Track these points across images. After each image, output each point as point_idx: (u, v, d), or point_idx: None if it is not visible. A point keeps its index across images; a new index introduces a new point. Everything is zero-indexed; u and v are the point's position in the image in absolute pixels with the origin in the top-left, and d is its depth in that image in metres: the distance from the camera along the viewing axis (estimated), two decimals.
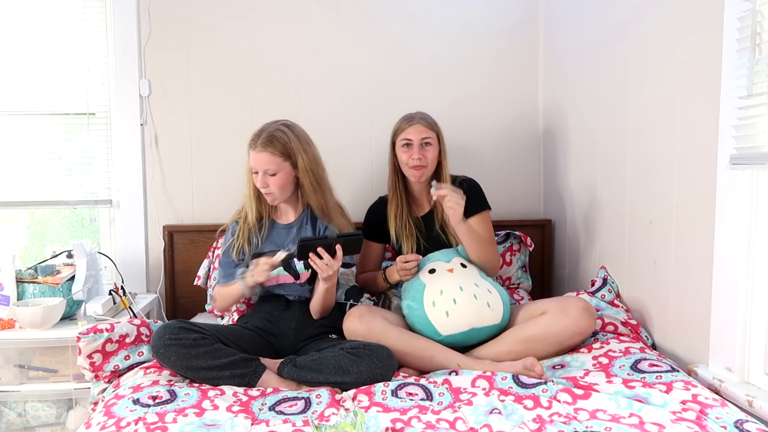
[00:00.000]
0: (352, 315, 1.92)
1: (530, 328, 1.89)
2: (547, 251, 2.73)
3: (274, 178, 2.00)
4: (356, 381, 1.68)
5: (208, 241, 2.56)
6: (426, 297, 1.93)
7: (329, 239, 1.86)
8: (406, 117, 2.18)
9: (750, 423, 1.39)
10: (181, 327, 1.74)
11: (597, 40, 2.32)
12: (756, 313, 1.61)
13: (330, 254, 1.86)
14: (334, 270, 1.87)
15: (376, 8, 2.68)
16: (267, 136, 2.00)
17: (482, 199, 2.18)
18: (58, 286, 2.19)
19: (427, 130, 2.12)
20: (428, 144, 2.11)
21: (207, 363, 1.69)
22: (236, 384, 1.71)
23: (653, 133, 1.98)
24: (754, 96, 1.55)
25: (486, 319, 1.91)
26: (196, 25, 2.62)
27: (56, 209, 2.73)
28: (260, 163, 1.99)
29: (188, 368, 1.70)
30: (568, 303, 1.89)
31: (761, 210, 1.59)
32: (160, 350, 1.71)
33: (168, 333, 1.71)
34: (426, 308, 1.92)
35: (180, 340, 1.70)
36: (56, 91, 2.60)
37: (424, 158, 2.10)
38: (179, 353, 1.69)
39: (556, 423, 1.44)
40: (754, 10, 1.54)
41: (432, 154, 2.12)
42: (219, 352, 1.72)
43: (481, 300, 1.92)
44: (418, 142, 2.10)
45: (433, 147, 2.12)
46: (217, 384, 1.70)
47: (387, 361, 1.73)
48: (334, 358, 1.72)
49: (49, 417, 2.13)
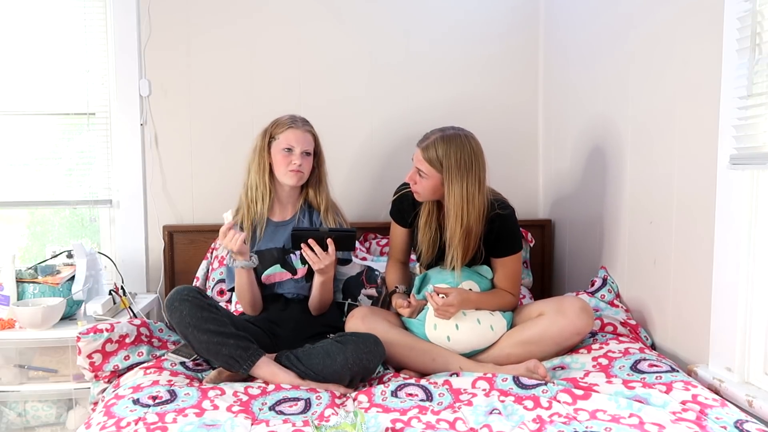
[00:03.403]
0: (355, 316, 1.92)
1: (528, 330, 1.88)
2: (547, 251, 2.73)
3: (307, 158, 2.04)
4: (343, 366, 1.69)
5: (208, 241, 2.56)
6: (428, 319, 1.92)
7: (321, 232, 1.88)
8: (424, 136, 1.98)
9: (750, 423, 1.39)
10: (199, 290, 1.81)
11: (597, 40, 2.32)
12: (756, 313, 1.61)
13: (322, 247, 1.87)
14: (326, 264, 1.88)
15: (376, 9, 2.68)
16: (303, 119, 2.09)
17: (511, 244, 1.97)
18: (58, 286, 2.19)
19: (424, 162, 1.90)
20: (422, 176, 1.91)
21: (215, 327, 1.73)
22: (237, 356, 1.72)
23: (653, 133, 1.98)
24: (754, 96, 1.55)
25: (488, 340, 1.90)
26: (197, 25, 2.62)
27: (56, 209, 2.72)
28: (303, 141, 2.02)
29: (196, 327, 1.72)
30: (565, 304, 1.88)
31: (761, 210, 1.59)
32: (174, 303, 1.75)
33: (186, 290, 1.78)
34: (427, 330, 1.91)
35: (197, 299, 1.76)
36: (56, 91, 2.60)
37: (415, 183, 1.94)
38: (192, 310, 1.73)
39: (556, 423, 1.44)
40: (754, 10, 1.54)
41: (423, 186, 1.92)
42: (227, 325, 1.76)
43: (484, 324, 1.90)
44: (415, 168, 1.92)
45: (426, 180, 1.91)
46: (217, 352, 1.71)
47: (373, 347, 1.74)
48: (323, 347, 1.76)
49: (49, 417, 2.13)
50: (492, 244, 1.95)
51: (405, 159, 2.68)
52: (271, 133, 2.06)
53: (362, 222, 2.66)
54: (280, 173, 2.04)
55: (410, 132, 2.70)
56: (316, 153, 2.09)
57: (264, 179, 2.06)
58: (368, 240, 2.61)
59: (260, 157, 2.06)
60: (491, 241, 1.95)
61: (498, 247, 1.96)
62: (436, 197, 1.96)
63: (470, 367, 1.83)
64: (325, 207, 2.10)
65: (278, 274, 2.06)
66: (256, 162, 2.07)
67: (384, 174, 2.71)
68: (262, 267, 2.03)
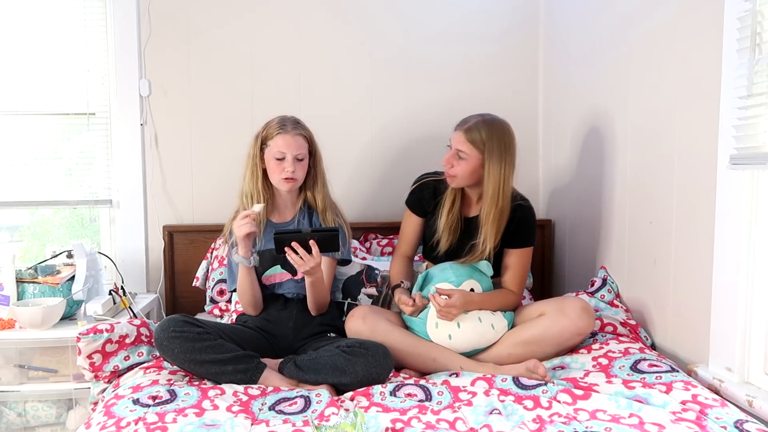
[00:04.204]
0: (355, 315, 1.92)
1: (529, 330, 1.88)
2: (547, 251, 2.73)
3: (300, 163, 2.00)
4: (353, 381, 1.69)
5: (208, 241, 2.56)
6: (430, 318, 1.92)
7: (304, 234, 1.84)
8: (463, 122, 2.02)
9: (750, 423, 1.39)
10: (185, 320, 1.75)
11: (597, 40, 2.32)
12: (756, 313, 1.61)
13: (307, 249, 1.83)
14: (311, 266, 1.85)
15: (376, 8, 2.68)
16: (293, 122, 2.02)
17: (529, 235, 2.04)
18: (58, 286, 2.19)
19: (466, 143, 1.95)
20: (462, 158, 1.96)
21: (210, 357, 1.70)
22: (238, 380, 1.71)
23: (653, 133, 1.98)
24: (754, 96, 1.55)
25: (488, 339, 1.91)
26: (196, 25, 2.62)
27: (56, 209, 2.73)
28: (294, 146, 1.97)
29: (191, 361, 1.70)
30: (566, 304, 1.88)
31: (761, 210, 1.59)
32: (163, 343, 1.71)
33: (172, 326, 1.72)
34: (428, 328, 1.91)
35: (184, 333, 1.70)
36: (56, 91, 2.60)
37: (452, 167, 1.97)
38: (183, 346, 1.69)
39: (556, 423, 1.44)
40: (754, 10, 1.54)
41: (462, 169, 1.97)
42: (222, 347, 1.72)
43: (486, 323, 1.91)
44: (454, 151, 1.97)
45: (466, 162, 1.96)
46: (219, 379, 1.71)
47: (383, 359, 1.73)
48: (331, 358, 1.72)
49: (49, 417, 2.13)
50: (511, 233, 2.01)
51: (405, 155, 2.71)
52: (262, 139, 2.02)
53: (363, 221, 2.66)
54: (274, 180, 2.02)
55: (410, 130, 2.72)
56: (312, 152, 2.05)
57: (257, 187, 2.03)
58: (369, 240, 2.61)
59: (253, 163, 2.03)
60: (511, 230, 2.00)
61: (517, 236, 2.02)
62: (470, 181, 2.00)
63: (471, 367, 1.83)
64: (323, 207, 2.08)
65: (278, 275, 2.06)
66: (249, 169, 2.04)
67: (384, 172, 2.71)
68: (262, 267, 2.03)
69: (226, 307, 2.40)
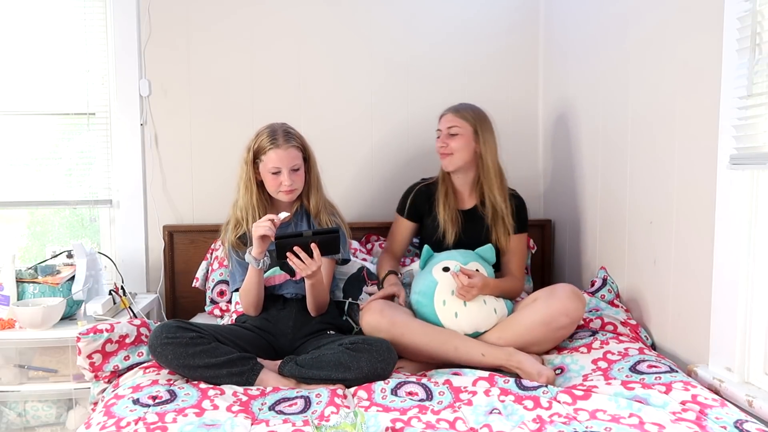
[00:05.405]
0: (372, 309, 1.91)
1: (522, 313, 1.93)
2: (547, 251, 2.73)
3: (297, 173, 2.00)
4: (357, 377, 1.69)
5: (208, 241, 2.56)
6: (437, 295, 1.95)
7: (304, 237, 1.82)
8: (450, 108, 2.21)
9: (750, 423, 1.39)
10: (178, 326, 1.74)
11: (597, 40, 2.32)
12: (756, 313, 1.61)
13: (308, 253, 1.82)
14: (313, 269, 1.84)
15: (376, 7, 2.68)
16: (284, 133, 1.99)
17: (526, 220, 2.25)
18: (58, 286, 2.19)
19: (456, 119, 2.14)
20: (454, 134, 2.13)
21: (204, 361, 1.70)
22: (234, 382, 1.71)
23: (653, 133, 1.98)
24: (754, 96, 1.55)
25: (489, 323, 1.94)
26: (197, 25, 2.62)
27: (56, 209, 2.73)
28: (287, 160, 1.96)
29: (185, 366, 1.70)
30: (557, 287, 1.95)
31: (761, 210, 1.59)
32: (157, 349, 1.71)
33: (165, 332, 1.71)
34: (436, 305, 1.94)
35: (177, 339, 1.70)
36: (56, 91, 2.60)
37: (447, 146, 2.13)
38: (176, 352, 1.69)
39: (556, 423, 1.44)
40: (754, 10, 1.54)
41: (457, 143, 2.13)
42: (216, 351, 1.72)
43: (489, 305, 1.95)
44: (446, 131, 2.15)
45: (460, 137, 2.13)
46: (215, 383, 1.70)
47: (386, 354, 1.73)
48: (334, 355, 1.72)
49: (49, 417, 2.13)
50: (513, 218, 2.17)
51: (406, 154, 2.71)
52: (254, 152, 2.00)
53: (364, 221, 2.67)
54: (272, 192, 2.02)
55: (410, 129, 2.72)
56: (306, 158, 2.04)
57: (252, 202, 2.03)
58: (371, 242, 2.60)
59: (247, 177, 2.02)
60: (512, 215, 2.17)
61: (517, 222, 2.19)
62: (465, 158, 2.14)
63: (493, 353, 1.84)
64: (316, 211, 2.08)
65: (278, 277, 2.06)
66: (243, 183, 2.03)
67: (385, 172, 2.71)
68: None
69: (227, 307, 2.40)
